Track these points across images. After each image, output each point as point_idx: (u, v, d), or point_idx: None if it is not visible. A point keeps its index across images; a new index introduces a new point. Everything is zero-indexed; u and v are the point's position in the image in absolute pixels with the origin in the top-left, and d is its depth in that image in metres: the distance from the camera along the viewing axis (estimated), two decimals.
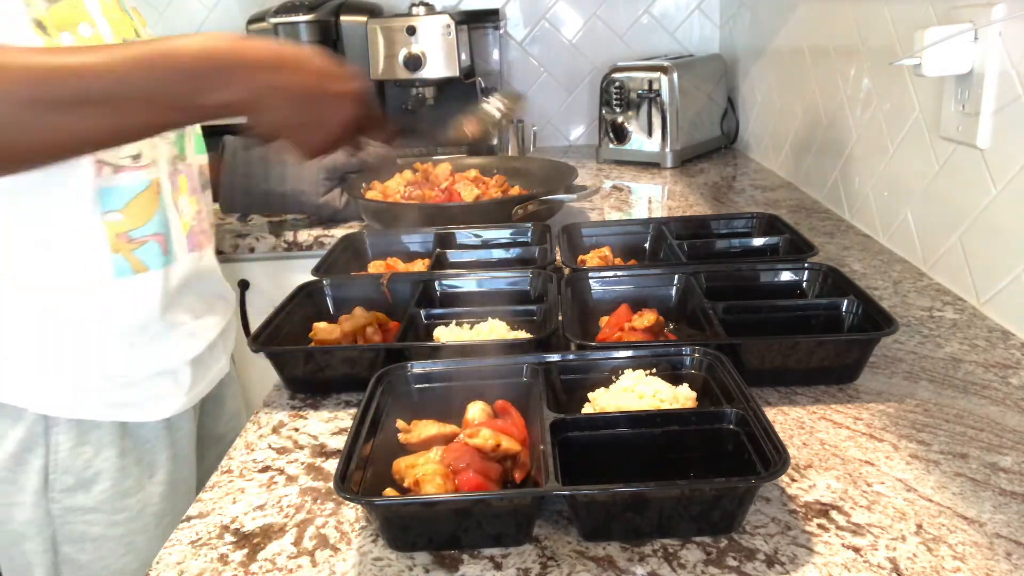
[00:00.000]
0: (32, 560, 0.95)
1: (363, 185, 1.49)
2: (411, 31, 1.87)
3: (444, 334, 0.92)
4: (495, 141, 1.38)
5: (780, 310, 0.91)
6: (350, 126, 0.78)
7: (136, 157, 0.88)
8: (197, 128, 1.04)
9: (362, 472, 0.63)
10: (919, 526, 0.61)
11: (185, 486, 1.03)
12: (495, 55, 2.24)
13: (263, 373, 1.08)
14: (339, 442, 0.78)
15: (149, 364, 0.94)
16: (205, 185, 1.05)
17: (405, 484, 0.65)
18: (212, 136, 1.12)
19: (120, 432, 0.94)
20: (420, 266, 1.14)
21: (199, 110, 0.69)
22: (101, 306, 0.89)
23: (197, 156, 1.02)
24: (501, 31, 2.24)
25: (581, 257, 1.11)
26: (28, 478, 0.92)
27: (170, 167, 0.94)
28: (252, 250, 1.50)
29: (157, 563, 0.62)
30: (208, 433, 1.11)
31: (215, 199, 1.35)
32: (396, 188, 1.47)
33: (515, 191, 1.50)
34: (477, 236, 1.22)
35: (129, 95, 0.66)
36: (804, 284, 0.98)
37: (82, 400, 0.91)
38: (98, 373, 0.91)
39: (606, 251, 1.12)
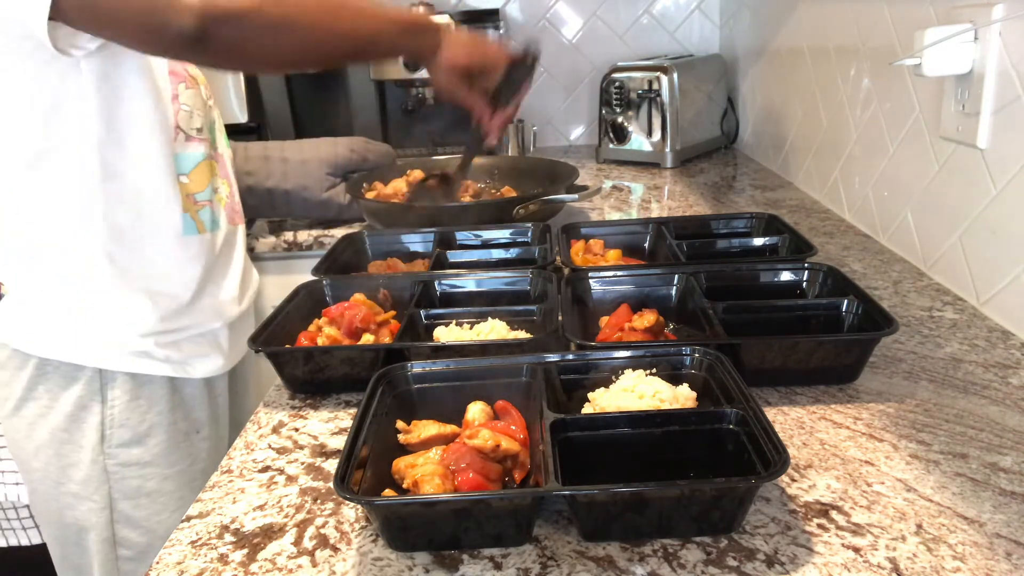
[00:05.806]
0: (87, 523, 0.99)
1: (364, 185, 1.49)
2: None
3: (444, 334, 0.92)
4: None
5: (780, 310, 0.91)
6: (500, 76, 1.08)
7: (199, 130, 1.00)
8: (222, 125, 1.12)
9: (362, 472, 0.63)
10: (919, 526, 0.61)
11: (223, 445, 1.10)
12: None
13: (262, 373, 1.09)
14: (339, 442, 0.78)
15: (196, 322, 1.02)
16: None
17: (405, 484, 0.65)
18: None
19: (170, 387, 1.01)
20: (420, 266, 1.14)
21: (405, 49, 1.04)
22: (164, 262, 0.97)
23: (226, 149, 1.12)
24: (501, 31, 2.24)
25: (572, 241, 1.15)
26: (85, 435, 0.97)
27: (209, 150, 1.05)
28: (252, 250, 1.50)
29: (157, 563, 0.62)
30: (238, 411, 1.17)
31: None
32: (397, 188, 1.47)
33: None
34: (477, 236, 1.22)
35: (379, 39, 0.97)
36: (804, 284, 0.98)
37: (137, 354, 0.97)
38: (151, 328, 0.97)
39: (599, 245, 1.14)
